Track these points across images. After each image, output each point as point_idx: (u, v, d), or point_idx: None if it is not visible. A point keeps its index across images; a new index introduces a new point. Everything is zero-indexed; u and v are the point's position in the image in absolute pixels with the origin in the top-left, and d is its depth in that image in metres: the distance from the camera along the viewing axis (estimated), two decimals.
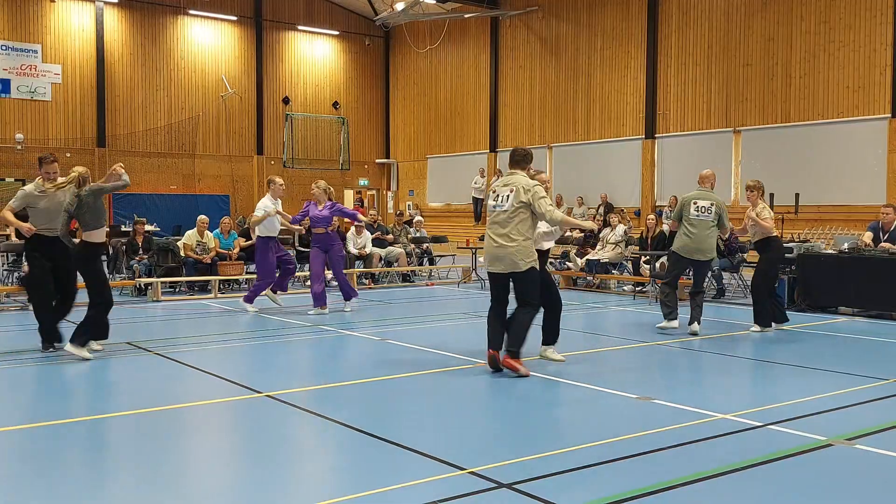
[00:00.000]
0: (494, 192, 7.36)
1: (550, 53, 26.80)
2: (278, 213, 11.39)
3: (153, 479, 4.53)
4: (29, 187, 8.17)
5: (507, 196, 7.20)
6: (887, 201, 15.79)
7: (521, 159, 7.40)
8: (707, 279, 11.93)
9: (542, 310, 7.54)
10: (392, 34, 33.20)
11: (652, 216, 16.26)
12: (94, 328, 7.83)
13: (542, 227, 7.64)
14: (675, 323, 9.57)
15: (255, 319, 10.82)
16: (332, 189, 11.83)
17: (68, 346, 7.74)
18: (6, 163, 26.04)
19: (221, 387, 6.80)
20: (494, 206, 7.30)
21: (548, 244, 7.92)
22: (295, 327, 10.24)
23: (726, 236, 10.61)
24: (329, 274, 11.85)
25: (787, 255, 11.88)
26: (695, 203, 9.60)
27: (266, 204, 11.31)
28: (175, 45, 29.02)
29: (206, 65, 29.62)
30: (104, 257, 10.67)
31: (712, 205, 9.60)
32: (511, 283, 7.27)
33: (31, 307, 8.54)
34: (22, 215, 8.20)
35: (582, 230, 9.90)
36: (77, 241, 8.06)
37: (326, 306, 11.28)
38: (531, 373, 7.16)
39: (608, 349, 8.53)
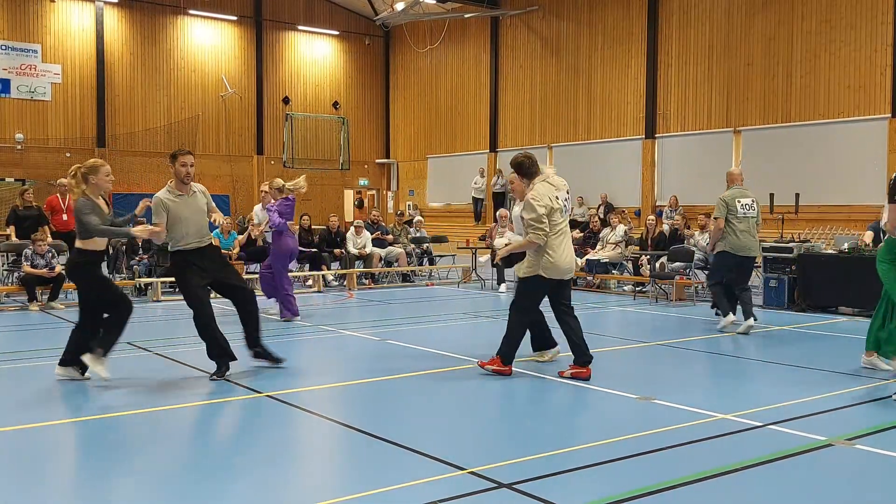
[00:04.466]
0: (556, 197, 7.03)
1: (550, 53, 26.79)
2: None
3: (153, 478, 4.53)
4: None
5: (568, 200, 7.22)
6: None
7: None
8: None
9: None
10: (392, 34, 33.18)
11: (652, 217, 16.28)
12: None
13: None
14: (731, 317, 9.68)
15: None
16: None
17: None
18: (6, 163, 26.03)
19: (221, 387, 6.79)
20: (564, 212, 7.09)
21: None
22: (295, 327, 10.23)
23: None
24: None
25: (787, 255, 11.92)
26: (739, 201, 9.71)
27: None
28: (175, 45, 29.01)
29: (206, 65, 29.62)
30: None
31: (754, 202, 9.81)
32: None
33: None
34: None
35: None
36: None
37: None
38: (531, 373, 7.16)
39: (608, 349, 8.52)
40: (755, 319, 9.63)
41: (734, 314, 9.74)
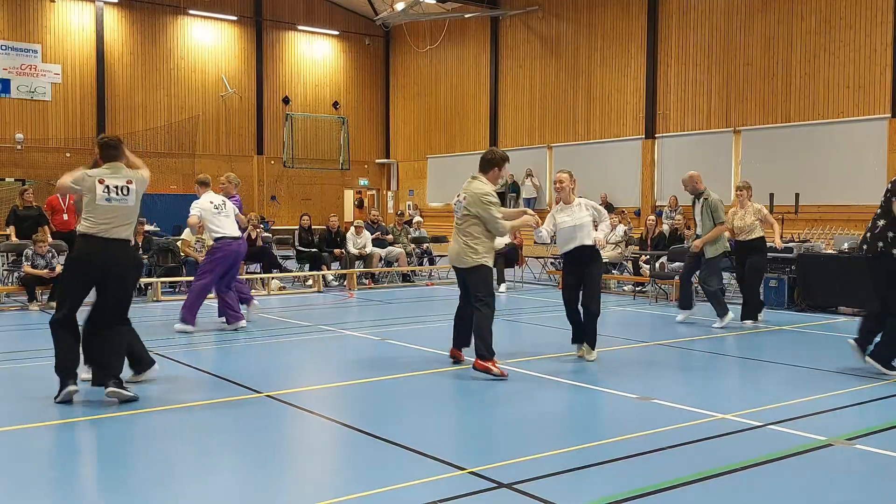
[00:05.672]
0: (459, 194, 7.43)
1: (550, 53, 26.79)
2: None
3: (153, 479, 4.53)
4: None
5: (458, 203, 7.39)
6: None
7: (485, 164, 7.47)
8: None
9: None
10: (392, 34, 33.19)
11: (652, 217, 16.28)
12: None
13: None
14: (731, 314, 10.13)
15: (253, 321, 10.78)
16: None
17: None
18: (6, 163, 26.03)
19: (221, 387, 6.79)
20: (455, 211, 7.45)
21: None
22: (295, 327, 10.23)
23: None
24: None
25: (787, 255, 11.93)
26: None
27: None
28: (175, 45, 29.01)
29: (206, 65, 29.62)
30: None
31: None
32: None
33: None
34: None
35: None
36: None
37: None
38: (531, 373, 7.15)
39: (608, 349, 8.52)
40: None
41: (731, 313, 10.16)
